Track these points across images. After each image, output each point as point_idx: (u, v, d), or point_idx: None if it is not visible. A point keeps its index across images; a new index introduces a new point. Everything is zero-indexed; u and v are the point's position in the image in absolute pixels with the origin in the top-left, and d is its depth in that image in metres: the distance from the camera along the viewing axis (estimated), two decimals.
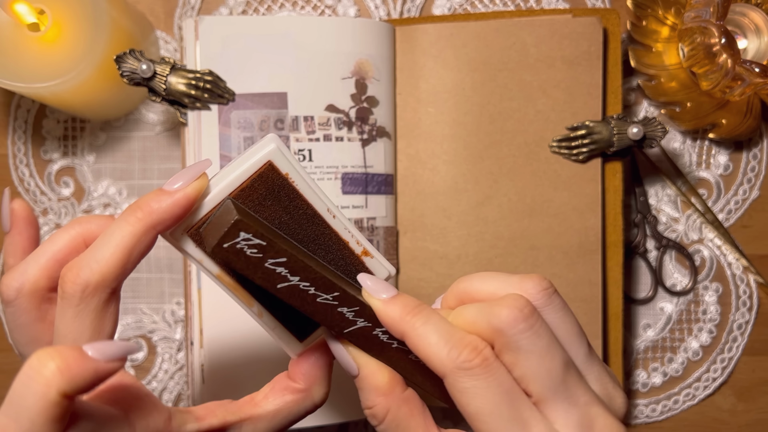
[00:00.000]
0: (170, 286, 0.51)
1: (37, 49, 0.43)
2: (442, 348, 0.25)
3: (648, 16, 0.50)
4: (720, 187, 0.51)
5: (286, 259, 0.25)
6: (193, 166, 0.26)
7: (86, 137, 0.51)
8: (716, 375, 0.51)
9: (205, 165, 0.27)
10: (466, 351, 0.25)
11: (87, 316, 0.26)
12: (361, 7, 0.51)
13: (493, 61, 0.45)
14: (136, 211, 0.26)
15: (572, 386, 0.25)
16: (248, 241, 0.24)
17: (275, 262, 0.24)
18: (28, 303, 0.28)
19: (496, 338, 0.25)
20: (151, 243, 0.26)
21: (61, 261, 0.28)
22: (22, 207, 0.31)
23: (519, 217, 0.45)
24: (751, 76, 0.45)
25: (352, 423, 0.52)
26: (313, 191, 0.27)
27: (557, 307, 0.27)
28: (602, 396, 0.27)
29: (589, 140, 0.44)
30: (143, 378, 0.51)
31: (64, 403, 0.22)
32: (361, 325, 0.27)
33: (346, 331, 0.27)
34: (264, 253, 0.24)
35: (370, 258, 0.29)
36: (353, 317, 0.26)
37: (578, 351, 0.27)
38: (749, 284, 0.51)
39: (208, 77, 0.42)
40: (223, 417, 0.28)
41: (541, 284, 0.27)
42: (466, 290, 0.28)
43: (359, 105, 0.43)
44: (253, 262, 0.24)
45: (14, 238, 0.30)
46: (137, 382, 0.27)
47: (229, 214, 0.24)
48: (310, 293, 0.25)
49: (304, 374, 0.29)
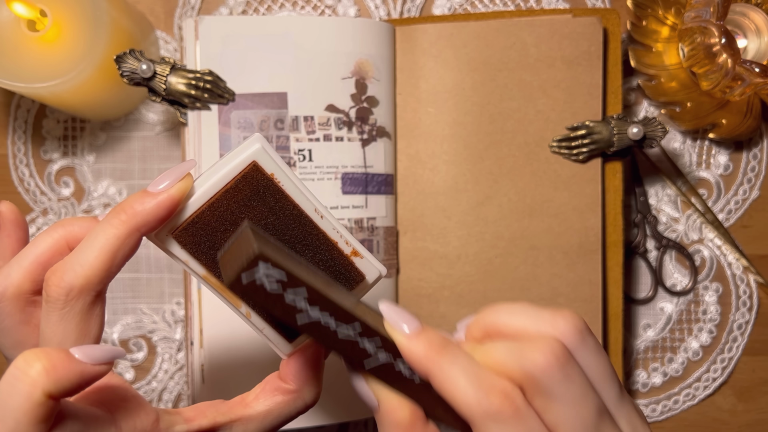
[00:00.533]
0: (170, 286, 0.51)
1: (37, 49, 0.43)
2: (471, 392, 0.24)
3: (648, 16, 0.50)
4: (720, 187, 0.51)
5: (305, 289, 0.24)
6: (177, 166, 0.26)
7: (86, 137, 0.51)
8: (716, 375, 0.51)
9: (189, 165, 0.26)
10: (497, 398, 0.24)
11: (72, 319, 0.25)
12: (361, 7, 0.51)
13: (493, 61, 0.45)
14: (119, 213, 0.25)
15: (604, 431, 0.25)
16: (267, 274, 0.23)
17: (294, 293, 0.23)
18: (11, 306, 0.27)
19: (527, 382, 0.24)
20: (135, 245, 0.26)
21: (44, 264, 0.27)
22: (9, 209, 0.30)
23: (519, 217, 0.45)
24: (751, 76, 0.45)
25: (352, 423, 0.52)
26: (300, 191, 0.27)
27: (590, 349, 0.25)
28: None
29: (589, 140, 0.44)
30: (143, 378, 0.51)
31: (50, 403, 0.22)
32: (382, 360, 0.26)
33: (367, 365, 0.26)
34: (284, 286, 0.23)
35: (360, 258, 0.28)
36: (374, 351, 0.25)
37: (610, 393, 0.26)
38: (749, 284, 0.51)
39: (208, 77, 0.42)
40: (213, 418, 0.28)
41: (575, 323, 0.25)
42: (494, 324, 0.27)
43: (359, 105, 0.43)
44: (273, 297, 0.23)
45: (2, 241, 0.30)
46: (125, 383, 0.27)
47: (248, 244, 0.23)
48: (331, 329, 0.24)
49: (295, 375, 0.29)
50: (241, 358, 0.43)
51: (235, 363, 0.43)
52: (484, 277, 0.45)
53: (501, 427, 0.23)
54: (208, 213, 0.26)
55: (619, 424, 0.26)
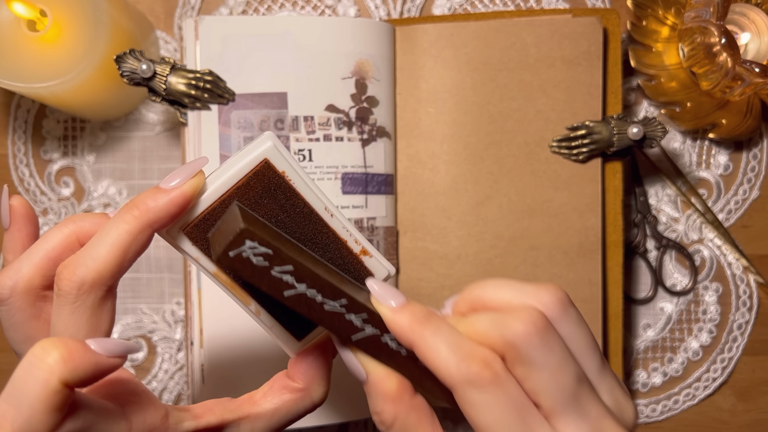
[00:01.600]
0: (170, 286, 0.51)
1: (37, 49, 0.43)
2: (452, 360, 0.24)
3: (648, 16, 0.50)
4: (720, 187, 0.51)
5: (292, 266, 0.24)
6: (190, 163, 0.26)
7: (86, 137, 0.51)
8: (716, 375, 0.51)
9: (201, 162, 0.26)
10: (477, 364, 0.24)
11: (83, 313, 0.26)
12: (361, 7, 0.51)
13: (493, 61, 0.45)
14: (132, 209, 0.26)
15: (584, 400, 0.25)
16: (254, 249, 0.23)
17: (281, 270, 0.24)
18: (22, 301, 0.28)
19: (507, 351, 0.25)
20: (147, 241, 0.26)
21: (55, 259, 0.28)
22: (21, 203, 0.30)
23: (519, 217, 0.45)
24: (751, 76, 0.45)
25: (353, 423, 0.52)
26: (311, 189, 0.27)
27: (572, 320, 0.26)
28: (613, 408, 0.26)
29: (589, 140, 0.44)
30: (143, 378, 0.51)
31: (65, 392, 0.22)
32: (369, 333, 0.26)
33: (354, 338, 0.26)
34: (270, 261, 0.24)
35: (369, 257, 0.29)
36: (361, 325, 0.26)
37: (591, 363, 0.26)
38: (749, 284, 0.51)
39: (208, 77, 0.42)
40: (221, 415, 0.28)
41: (557, 295, 0.26)
42: (479, 297, 0.27)
43: (359, 105, 0.43)
44: (259, 271, 0.24)
45: (13, 235, 0.30)
46: (135, 378, 0.27)
47: (234, 222, 0.24)
48: (317, 301, 0.25)
49: (303, 373, 0.29)
50: (241, 358, 0.43)
51: (235, 363, 0.43)
52: (484, 277, 0.45)
53: (481, 393, 0.24)
54: (220, 210, 0.26)
55: (600, 394, 0.26)
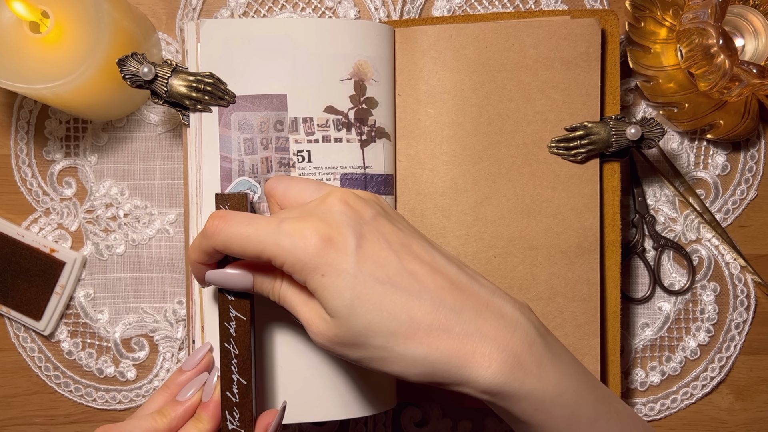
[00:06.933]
0: (172, 286, 0.51)
1: (40, 50, 0.43)
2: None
3: (646, 17, 0.50)
4: (718, 188, 0.52)
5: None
6: (198, 379, 0.39)
7: (88, 138, 0.51)
8: (714, 374, 0.51)
9: (207, 364, 0.40)
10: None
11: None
12: (361, 8, 0.51)
13: (492, 62, 0.45)
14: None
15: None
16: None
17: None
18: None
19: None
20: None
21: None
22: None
23: (518, 217, 0.46)
24: (749, 77, 0.45)
25: (353, 421, 0.52)
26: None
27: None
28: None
29: (587, 141, 0.45)
30: (145, 377, 0.52)
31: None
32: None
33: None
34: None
35: None
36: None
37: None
38: (747, 284, 0.51)
39: (208, 79, 0.42)
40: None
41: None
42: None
43: (358, 106, 0.43)
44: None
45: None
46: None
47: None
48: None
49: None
50: None
51: None
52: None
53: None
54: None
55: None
